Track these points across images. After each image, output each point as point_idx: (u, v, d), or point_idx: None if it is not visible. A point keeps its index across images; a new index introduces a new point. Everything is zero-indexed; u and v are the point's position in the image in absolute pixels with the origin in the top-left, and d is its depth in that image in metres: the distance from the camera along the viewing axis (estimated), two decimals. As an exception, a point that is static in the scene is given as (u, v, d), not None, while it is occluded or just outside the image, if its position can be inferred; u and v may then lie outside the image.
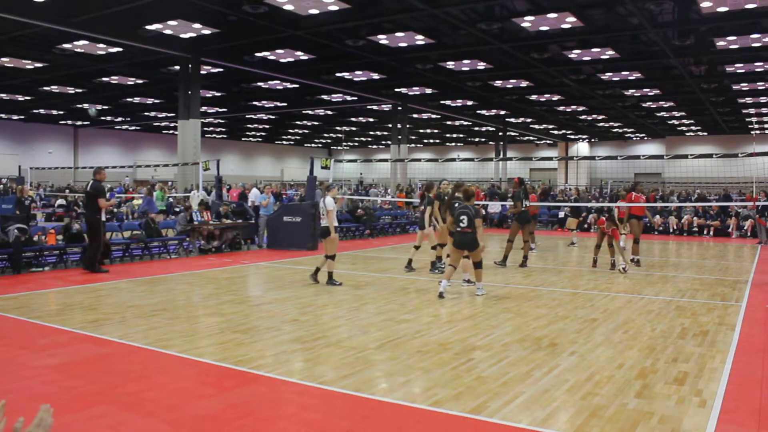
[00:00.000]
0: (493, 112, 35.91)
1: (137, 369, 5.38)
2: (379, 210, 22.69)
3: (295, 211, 15.19)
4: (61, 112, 36.66)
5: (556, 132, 47.17)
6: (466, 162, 37.26)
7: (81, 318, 7.29)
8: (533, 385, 4.93)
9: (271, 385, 4.95)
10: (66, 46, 19.67)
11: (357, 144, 60.66)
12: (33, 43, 19.78)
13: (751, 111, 32.73)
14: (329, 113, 37.21)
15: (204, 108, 31.17)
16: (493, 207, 23.72)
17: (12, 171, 33.50)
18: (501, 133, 42.22)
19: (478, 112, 35.70)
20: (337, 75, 24.73)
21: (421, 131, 47.25)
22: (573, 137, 50.64)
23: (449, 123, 41.30)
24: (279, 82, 26.27)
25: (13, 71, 23.63)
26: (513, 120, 39.83)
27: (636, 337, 6.57)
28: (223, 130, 47.96)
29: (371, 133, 49.92)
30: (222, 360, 5.60)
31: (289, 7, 15.27)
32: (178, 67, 21.50)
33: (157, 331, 6.65)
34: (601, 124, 40.98)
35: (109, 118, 40.07)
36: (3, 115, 38.43)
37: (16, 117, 39.16)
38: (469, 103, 32.41)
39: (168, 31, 18.07)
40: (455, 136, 50.90)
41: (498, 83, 25.97)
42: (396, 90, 28.64)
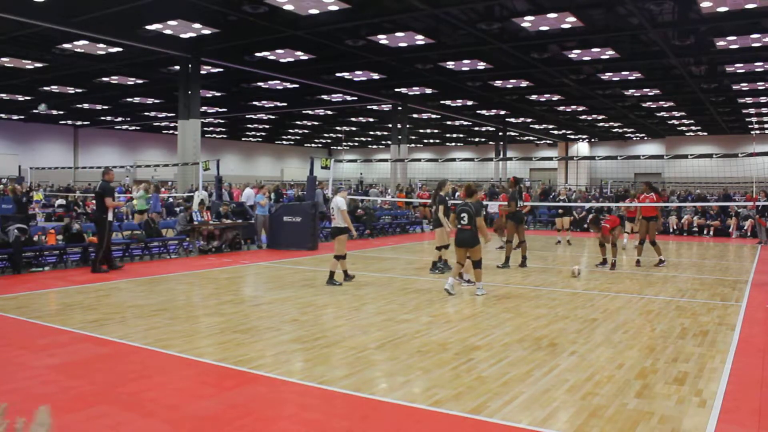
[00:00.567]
0: (493, 112, 35.92)
1: (137, 369, 5.38)
2: (379, 210, 22.69)
3: (295, 211, 15.19)
4: (61, 112, 36.66)
5: (556, 132, 47.18)
6: (466, 162, 37.25)
7: (81, 318, 7.29)
8: (533, 385, 4.93)
9: (271, 385, 4.95)
10: (66, 46, 19.67)
11: (357, 144, 60.67)
12: (33, 43, 19.79)
13: (751, 111, 32.74)
14: (329, 113, 37.22)
15: (204, 108, 31.18)
16: (493, 207, 23.71)
17: (12, 171, 33.52)
18: (501, 133, 42.22)
19: (478, 112, 35.71)
20: (337, 75, 24.73)
21: (421, 131, 47.25)
22: (573, 137, 50.64)
23: (449, 123, 41.31)
24: (279, 82, 26.28)
25: (13, 71, 23.63)
26: (513, 120, 39.84)
27: (636, 337, 6.57)
28: (223, 130, 47.97)
29: (371, 133, 49.93)
30: (222, 360, 5.60)
31: (289, 7, 15.28)
32: (178, 67, 21.50)
33: (157, 331, 6.65)
34: (601, 124, 40.98)
35: (109, 118, 40.08)
36: (3, 115, 38.44)
37: (16, 117, 39.17)
38: (469, 103, 32.41)
39: (168, 31, 18.08)
40: (455, 136, 50.90)
41: (498, 83, 25.98)
42: (396, 90, 28.64)
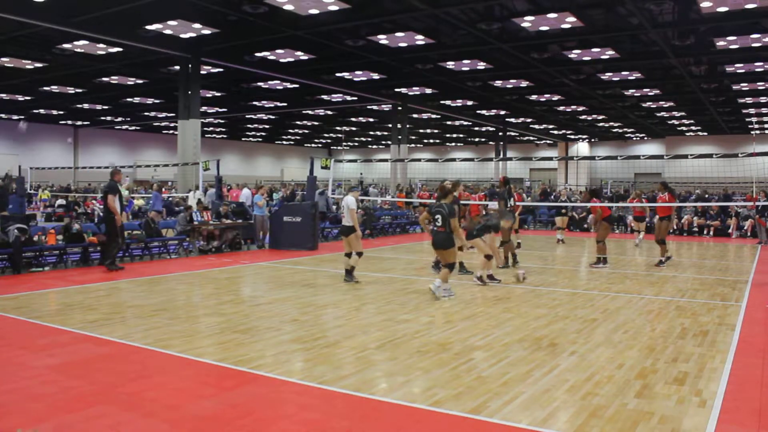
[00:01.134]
0: (493, 112, 35.90)
1: (137, 369, 5.38)
2: (379, 210, 22.69)
3: (295, 211, 15.19)
4: (61, 112, 36.66)
5: (556, 132, 47.16)
6: (466, 162, 37.26)
7: (81, 318, 7.29)
8: (533, 385, 4.93)
9: (271, 385, 4.96)
10: (66, 46, 19.66)
11: (357, 144, 60.65)
12: (33, 43, 19.78)
13: (751, 111, 32.72)
14: (329, 113, 37.20)
15: (204, 108, 31.17)
16: (493, 207, 23.69)
17: (12, 171, 33.49)
18: (501, 133, 42.21)
19: (478, 112, 35.69)
20: (337, 75, 24.72)
21: (421, 131, 47.24)
22: (573, 137, 50.63)
23: (449, 123, 41.30)
24: (279, 82, 26.26)
25: (13, 71, 23.63)
26: (513, 120, 39.82)
27: (636, 337, 6.57)
28: (223, 130, 47.95)
29: (371, 133, 49.91)
30: (222, 360, 5.60)
31: (289, 7, 15.27)
32: (178, 67, 21.49)
33: (157, 331, 6.65)
34: (601, 124, 40.97)
35: (109, 118, 40.07)
36: (3, 115, 38.43)
37: (16, 117, 39.16)
38: (469, 103, 32.39)
39: (168, 31, 18.07)
40: (455, 136, 50.90)
41: (498, 83, 25.96)
42: (396, 90, 28.63)
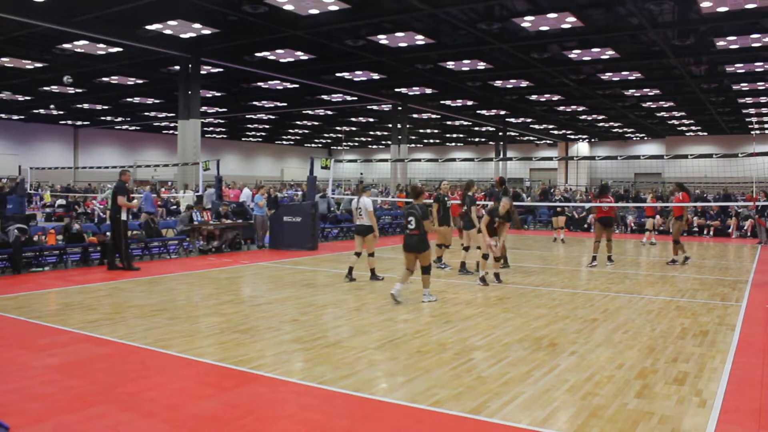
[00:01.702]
0: (493, 112, 35.91)
1: (137, 369, 5.38)
2: (379, 210, 22.68)
3: (295, 211, 15.18)
4: (61, 112, 36.66)
5: (556, 132, 47.17)
6: (466, 162, 37.25)
7: (81, 318, 7.29)
8: (533, 385, 4.93)
9: (271, 385, 4.95)
10: (66, 46, 19.67)
11: (357, 144, 60.65)
12: (33, 43, 19.79)
13: (751, 111, 32.72)
14: (329, 113, 37.21)
15: (204, 108, 31.17)
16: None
17: (12, 171, 33.53)
18: (501, 133, 42.21)
19: (478, 112, 35.70)
20: (337, 75, 24.73)
21: (421, 131, 47.24)
22: (573, 137, 50.63)
23: (449, 123, 41.30)
24: (279, 82, 26.27)
25: (13, 71, 23.63)
26: (513, 120, 39.83)
27: (636, 337, 6.57)
28: (223, 130, 47.96)
29: (371, 133, 49.92)
30: (222, 360, 5.60)
31: (289, 7, 15.27)
32: (178, 67, 21.50)
33: (157, 331, 6.65)
34: (601, 124, 40.98)
35: (109, 118, 40.08)
36: (3, 115, 38.43)
37: (16, 117, 39.17)
38: (469, 103, 32.41)
39: (168, 31, 18.08)
40: (455, 136, 50.90)
41: (498, 83, 25.97)
42: (396, 90, 28.63)
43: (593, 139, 51.37)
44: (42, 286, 9.69)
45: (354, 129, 46.62)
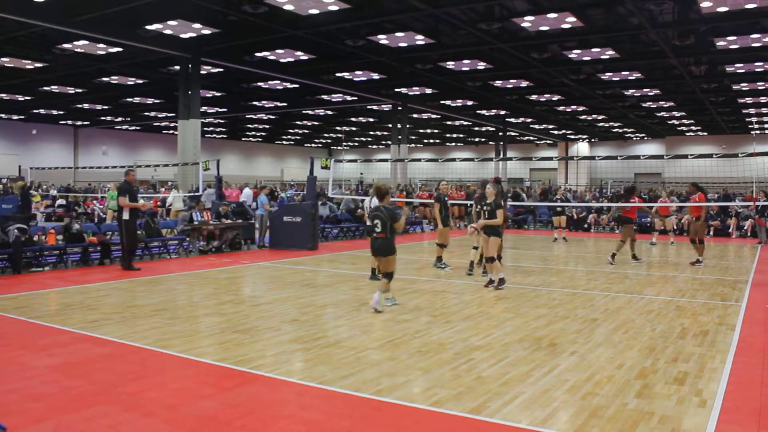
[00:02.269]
0: (493, 112, 35.90)
1: (137, 369, 5.38)
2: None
3: (295, 211, 15.18)
4: (61, 112, 36.66)
5: (556, 132, 47.16)
6: (466, 162, 37.24)
7: (81, 318, 7.29)
8: (533, 385, 4.93)
9: (271, 385, 4.96)
10: (66, 46, 19.66)
11: (357, 144, 60.64)
12: (33, 43, 19.77)
13: (751, 111, 32.72)
14: (329, 113, 37.20)
15: (204, 108, 31.16)
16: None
17: (12, 171, 33.50)
18: (501, 133, 42.21)
19: (478, 112, 35.69)
20: (337, 75, 24.71)
21: (421, 131, 47.24)
22: (573, 137, 50.62)
23: (449, 123, 41.29)
24: (279, 82, 26.26)
25: (13, 71, 23.62)
26: (513, 120, 39.82)
27: (636, 337, 6.57)
28: (223, 130, 47.95)
29: (371, 133, 49.91)
30: (222, 360, 5.60)
31: (289, 7, 15.27)
32: (178, 67, 21.49)
33: (157, 331, 6.65)
34: (601, 124, 40.97)
35: (109, 118, 40.07)
36: (3, 115, 38.43)
37: (16, 117, 39.16)
38: (469, 103, 32.39)
39: (168, 31, 18.06)
40: (455, 136, 50.89)
41: (498, 83, 25.96)
42: (396, 90, 28.62)
43: (593, 139, 51.37)
44: (42, 286, 9.69)
45: (354, 129, 46.61)
